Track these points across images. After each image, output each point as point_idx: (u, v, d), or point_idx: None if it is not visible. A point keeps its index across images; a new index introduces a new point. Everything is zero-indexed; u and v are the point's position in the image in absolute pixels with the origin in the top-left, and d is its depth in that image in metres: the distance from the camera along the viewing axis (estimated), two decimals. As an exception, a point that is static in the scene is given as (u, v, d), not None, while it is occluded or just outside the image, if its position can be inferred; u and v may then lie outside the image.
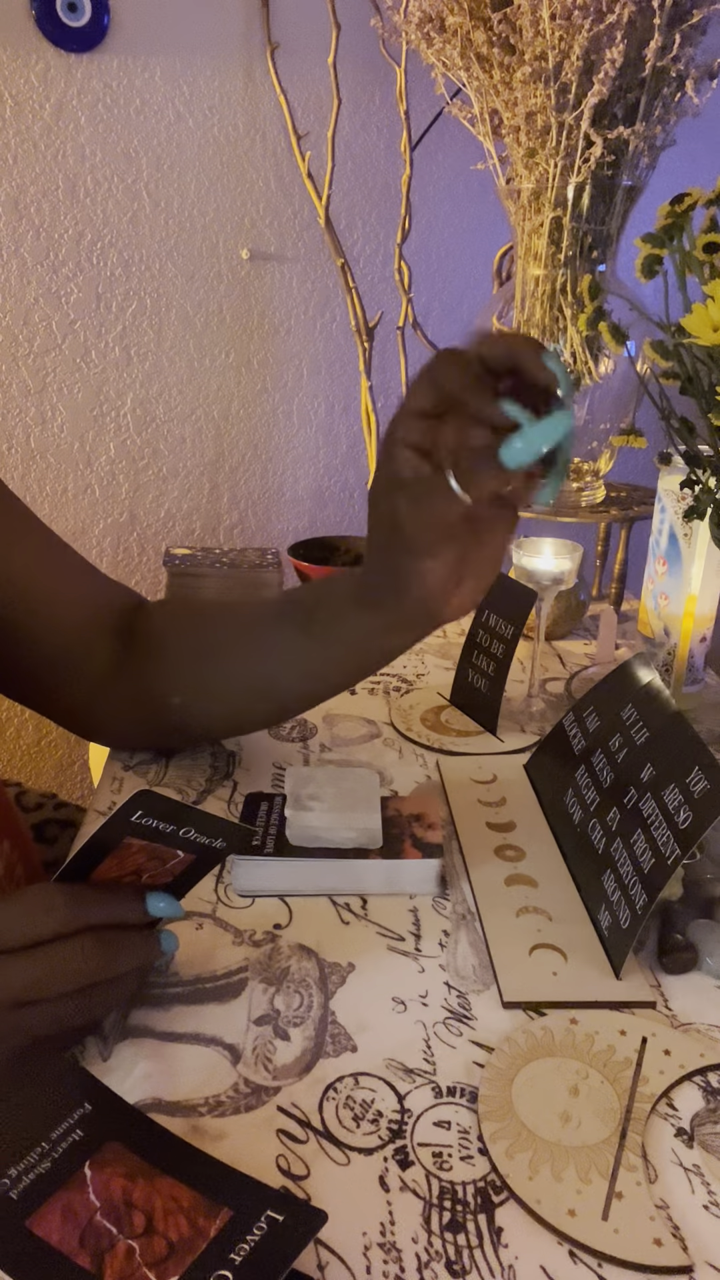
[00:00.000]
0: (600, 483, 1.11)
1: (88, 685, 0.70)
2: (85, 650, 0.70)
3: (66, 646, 0.69)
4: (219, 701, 0.70)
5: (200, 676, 0.69)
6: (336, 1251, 0.40)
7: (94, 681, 0.70)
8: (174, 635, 0.71)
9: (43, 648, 0.69)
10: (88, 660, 0.70)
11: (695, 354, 0.70)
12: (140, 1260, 0.37)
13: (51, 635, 0.69)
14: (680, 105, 0.94)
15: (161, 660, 0.70)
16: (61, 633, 0.69)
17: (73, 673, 0.70)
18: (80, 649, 0.70)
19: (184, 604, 0.74)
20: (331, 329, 1.50)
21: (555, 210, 0.96)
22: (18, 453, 1.42)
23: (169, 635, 0.71)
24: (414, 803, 0.67)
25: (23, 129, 1.27)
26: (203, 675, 0.69)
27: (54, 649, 0.69)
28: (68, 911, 0.45)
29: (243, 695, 0.69)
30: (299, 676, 0.66)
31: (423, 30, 0.97)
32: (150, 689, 0.70)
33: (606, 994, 0.53)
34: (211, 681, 0.69)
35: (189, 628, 0.72)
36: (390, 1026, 0.51)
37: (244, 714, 0.72)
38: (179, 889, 0.51)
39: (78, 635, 0.70)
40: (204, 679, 0.69)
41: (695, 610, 0.84)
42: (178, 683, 0.69)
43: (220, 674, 0.68)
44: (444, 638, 1.03)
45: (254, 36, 1.33)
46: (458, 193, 1.49)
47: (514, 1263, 0.40)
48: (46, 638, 0.69)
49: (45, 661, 0.69)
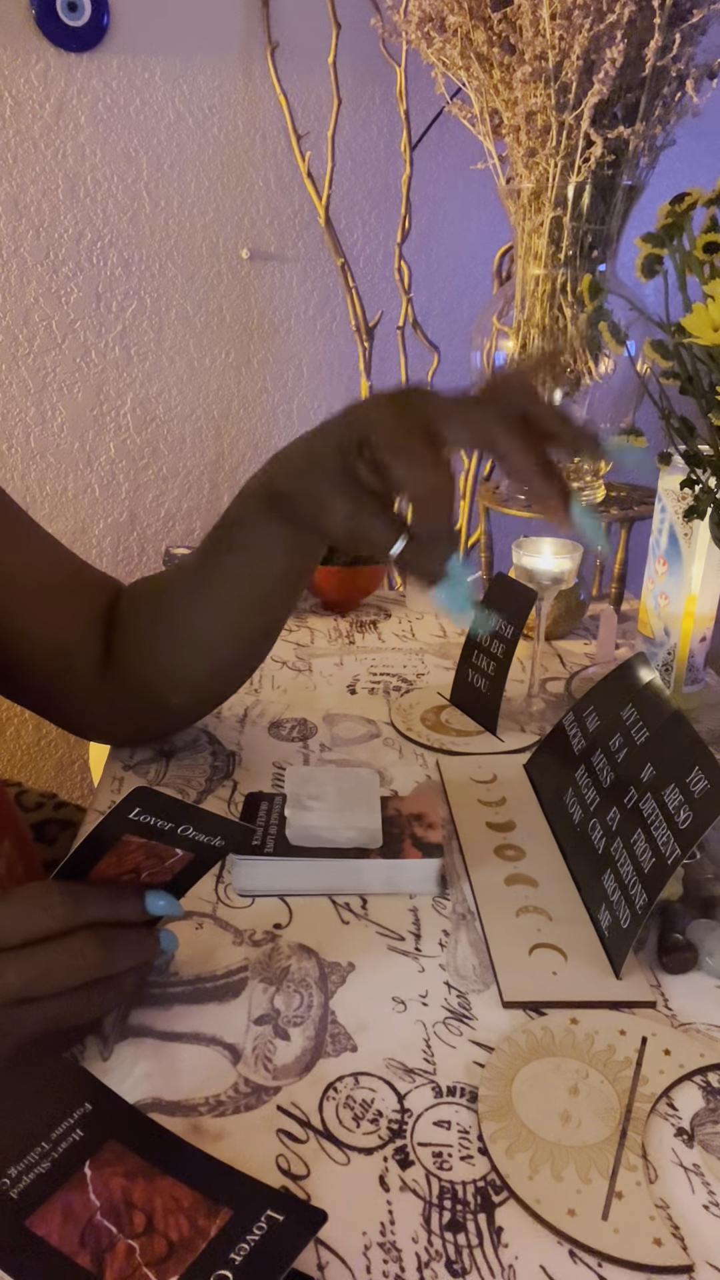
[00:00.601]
0: (600, 483, 1.11)
1: (78, 679, 0.71)
2: (72, 643, 0.70)
3: (53, 640, 0.69)
4: (184, 658, 0.70)
5: (161, 639, 0.69)
6: (336, 1251, 0.40)
7: (84, 676, 0.70)
8: (136, 608, 0.72)
9: (29, 642, 0.69)
10: (75, 654, 0.70)
11: (695, 354, 0.70)
12: (140, 1260, 0.37)
13: (36, 629, 0.69)
14: (680, 105, 0.94)
15: (130, 638, 0.70)
16: (47, 626, 0.69)
17: (62, 667, 0.70)
18: (67, 642, 0.70)
19: (145, 579, 0.74)
20: (331, 329, 1.50)
21: (555, 210, 0.96)
22: (18, 453, 1.42)
23: (132, 610, 0.72)
24: (414, 802, 0.67)
25: (23, 129, 1.27)
26: (161, 637, 0.69)
27: (40, 643, 0.69)
28: (66, 909, 0.45)
29: (200, 642, 0.69)
30: (238, 605, 0.67)
31: (423, 30, 0.97)
32: (135, 672, 0.70)
33: (606, 994, 0.53)
34: (170, 638, 0.69)
35: (147, 594, 0.73)
36: (390, 1026, 0.51)
37: (205, 665, 0.71)
38: (178, 888, 0.51)
39: (63, 628, 0.70)
40: (163, 639, 0.69)
41: (695, 610, 0.84)
42: (146, 656, 0.70)
43: (175, 628, 0.69)
44: (444, 638, 1.03)
45: (254, 36, 1.33)
46: (458, 193, 1.49)
47: (514, 1262, 0.40)
48: (32, 632, 0.69)
49: (32, 656, 0.69)
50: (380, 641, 1.02)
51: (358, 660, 0.97)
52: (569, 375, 1.01)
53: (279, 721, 0.84)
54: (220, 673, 0.74)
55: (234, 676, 0.75)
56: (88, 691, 0.71)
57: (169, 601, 0.70)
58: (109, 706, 0.72)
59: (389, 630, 1.05)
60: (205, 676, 0.73)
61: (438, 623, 1.07)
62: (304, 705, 0.87)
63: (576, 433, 0.53)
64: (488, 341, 1.07)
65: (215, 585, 0.67)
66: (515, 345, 1.03)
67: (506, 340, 1.05)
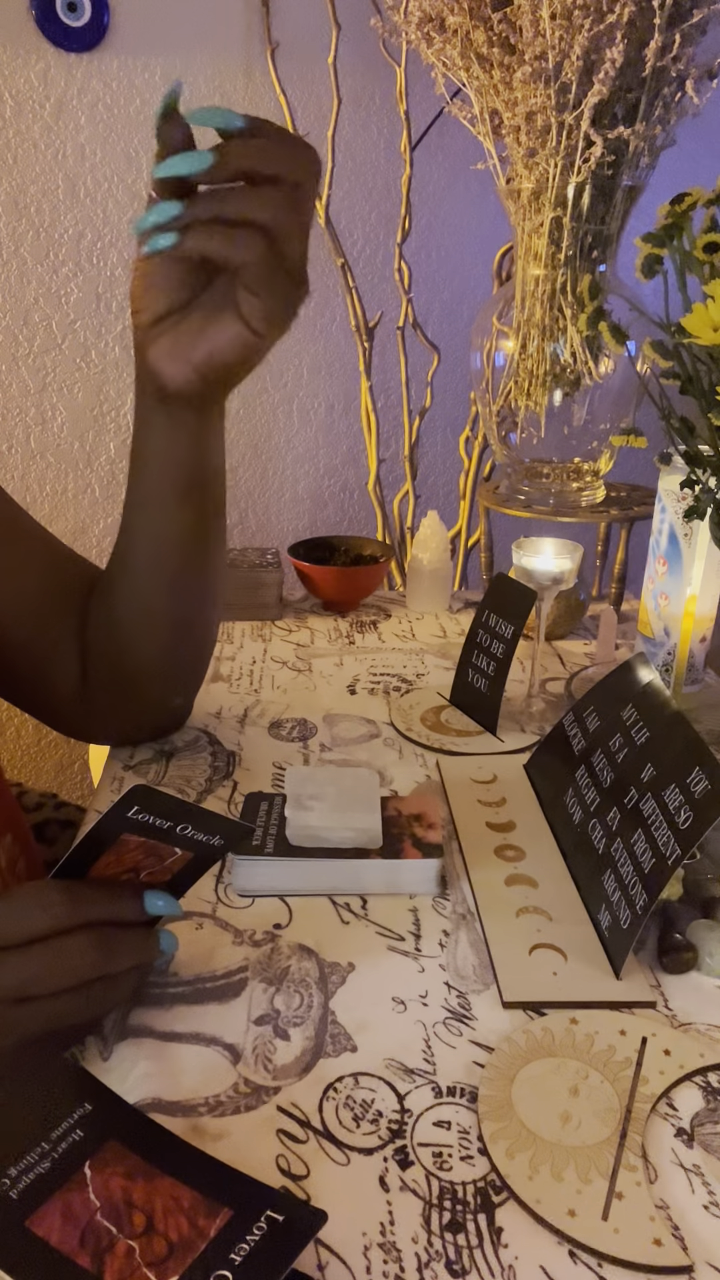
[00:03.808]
0: (600, 483, 1.11)
1: (65, 676, 0.71)
2: (58, 639, 0.70)
3: (43, 641, 0.69)
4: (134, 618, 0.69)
5: (109, 605, 0.69)
6: (336, 1251, 0.40)
7: (70, 671, 0.70)
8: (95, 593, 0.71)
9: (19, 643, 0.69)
10: (61, 649, 0.70)
11: (695, 354, 0.70)
12: (140, 1260, 0.37)
13: (27, 630, 0.69)
14: (680, 105, 0.94)
15: (94, 624, 0.70)
16: (38, 627, 0.69)
17: (50, 664, 0.70)
18: (53, 639, 0.70)
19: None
20: (331, 329, 1.50)
21: (555, 210, 0.96)
22: (18, 453, 1.42)
23: (94, 596, 0.71)
24: (414, 803, 0.67)
25: (23, 129, 1.27)
26: (108, 603, 0.69)
27: (31, 645, 0.69)
28: (65, 908, 0.45)
29: (135, 591, 0.68)
30: (153, 523, 0.66)
31: (423, 30, 0.97)
32: (106, 658, 0.70)
33: (606, 994, 0.53)
34: (115, 599, 0.69)
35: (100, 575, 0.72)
36: (390, 1026, 0.51)
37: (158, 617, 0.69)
38: (178, 887, 0.51)
39: (53, 629, 0.70)
40: (111, 604, 0.69)
41: (695, 610, 0.84)
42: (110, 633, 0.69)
43: (113, 588, 0.69)
44: (444, 638, 1.03)
45: (254, 36, 1.33)
46: (458, 193, 1.49)
47: (514, 1263, 0.40)
48: (23, 632, 0.69)
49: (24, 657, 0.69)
50: (380, 641, 1.02)
51: (358, 660, 0.97)
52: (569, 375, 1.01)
53: (279, 721, 0.84)
54: (174, 625, 0.70)
55: (184, 630, 0.71)
56: (71, 686, 0.71)
57: (110, 568, 0.69)
58: (90, 700, 0.72)
59: (389, 630, 1.05)
60: (164, 641, 0.70)
61: (438, 623, 1.07)
62: (304, 705, 0.87)
63: None
64: (488, 342, 1.07)
65: (126, 504, 0.66)
66: (515, 345, 1.03)
67: (506, 340, 1.05)
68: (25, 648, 0.69)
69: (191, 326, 0.57)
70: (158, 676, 0.73)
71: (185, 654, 0.74)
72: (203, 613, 0.72)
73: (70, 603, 0.71)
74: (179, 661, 0.74)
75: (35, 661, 0.70)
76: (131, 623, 0.69)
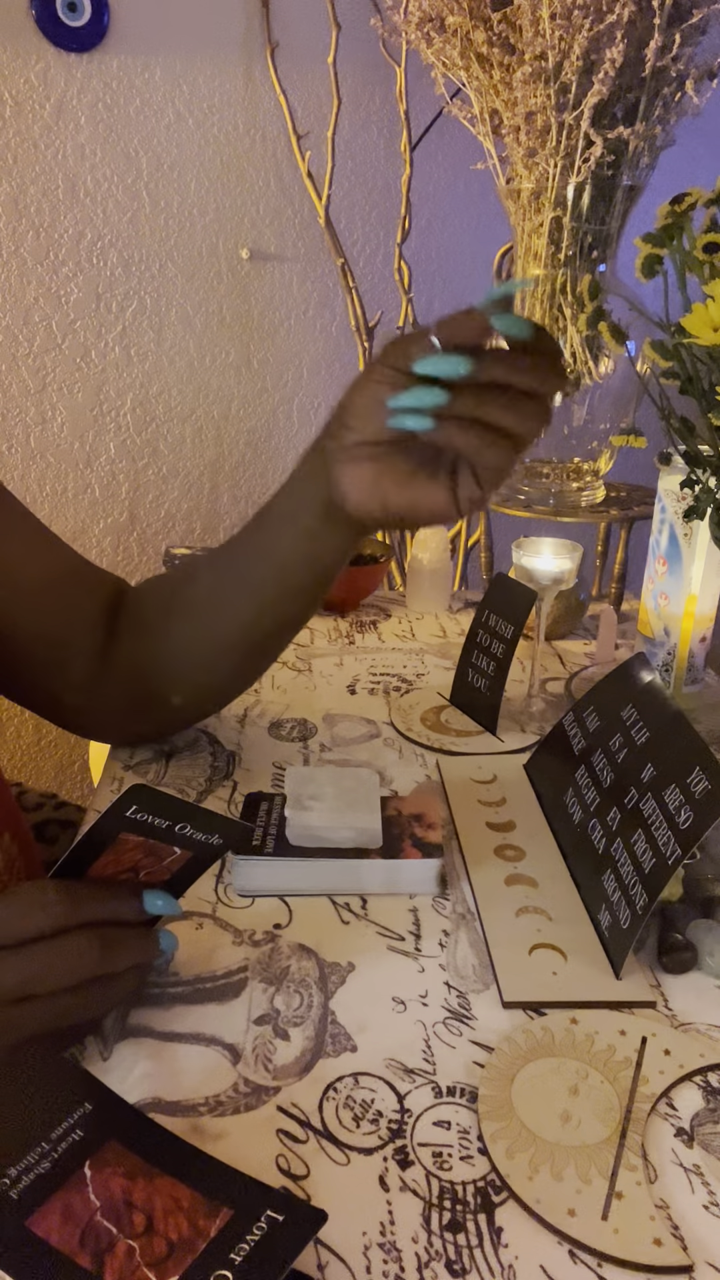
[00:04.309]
0: (600, 483, 1.11)
1: (73, 674, 0.71)
2: (68, 638, 0.70)
3: (49, 635, 0.69)
4: (193, 651, 0.69)
5: (173, 631, 0.69)
6: (336, 1251, 0.40)
7: (79, 671, 0.70)
8: (147, 601, 0.72)
9: (25, 636, 0.69)
10: (71, 649, 0.70)
11: (695, 354, 0.70)
12: (140, 1260, 0.37)
13: (33, 623, 0.69)
14: (680, 105, 0.94)
15: (136, 632, 0.70)
16: (43, 621, 0.69)
17: (57, 663, 0.70)
18: (63, 637, 0.70)
19: (159, 576, 0.75)
20: (331, 329, 1.51)
21: (555, 210, 0.96)
22: (18, 453, 1.42)
23: (142, 603, 0.72)
24: (414, 803, 0.67)
25: (23, 129, 1.27)
26: (174, 628, 0.69)
27: (37, 638, 0.69)
28: (64, 907, 0.45)
29: (212, 633, 0.68)
30: (257, 588, 0.66)
31: (423, 30, 0.97)
32: (138, 669, 0.70)
33: (606, 994, 0.53)
34: (183, 630, 0.69)
35: (160, 587, 0.73)
36: (390, 1026, 0.51)
37: (212, 659, 0.70)
38: (177, 887, 0.51)
39: (60, 623, 0.70)
40: (176, 631, 0.69)
41: (695, 610, 0.84)
42: (151, 650, 0.69)
43: (189, 618, 0.69)
44: (444, 638, 1.03)
45: (254, 36, 1.33)
46: (458, 193, 1.49)
47: (514, 1262, 0.40)
48: (28, 626, 0.69)
49: (28, 651, 0.69)
50: (380, 641, 1.02)
51: (358, 660, 0.97)
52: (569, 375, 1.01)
53: (279, 721, 0.84)
54: (227, 670, 0.72)
55: (239, 675, 0.74)
56: (82, 687, 0.71)
57: (188, 591, 0.70)
58: (103, 703, 0.72)
59: (389, 630, 1.05)
60: (209, 674, 0.72)
61: (438, 623, 1.07)
62: (304, 705, 0.87)
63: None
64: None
65: (240, 565, 0.66)
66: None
67: (506, 340, 1.05)
68: (32, 643, 0.69)
69: (398, 472, 0.56)
70: (205, 698, 0.76)
71: (226, 689, 0.76)
72: (270, 661, 0.74)
73: (82, 602, 0.71)
74: (216, 695, 0.76)
75: (43, 660, 0.70)
76: (194, 654, 0.70)
